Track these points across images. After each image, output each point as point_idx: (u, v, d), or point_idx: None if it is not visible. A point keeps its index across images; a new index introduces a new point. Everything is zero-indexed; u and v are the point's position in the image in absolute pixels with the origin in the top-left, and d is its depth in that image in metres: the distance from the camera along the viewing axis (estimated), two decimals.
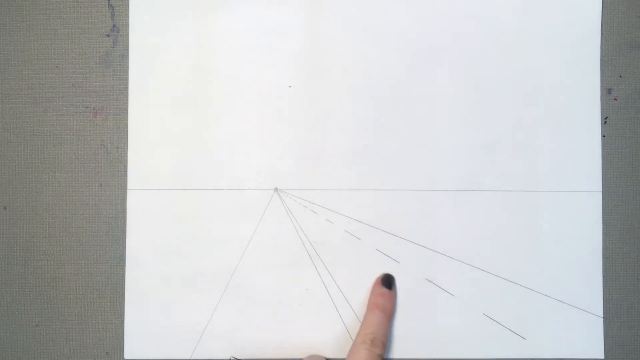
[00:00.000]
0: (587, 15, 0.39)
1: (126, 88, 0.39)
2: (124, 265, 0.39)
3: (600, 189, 0.39)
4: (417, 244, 0.39)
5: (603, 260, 0.39)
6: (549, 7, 0.39)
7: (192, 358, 0.38)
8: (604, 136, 0.39)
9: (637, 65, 0.39)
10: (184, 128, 0.39)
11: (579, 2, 0.39)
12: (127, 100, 0.39)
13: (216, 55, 0.39)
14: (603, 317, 0.39)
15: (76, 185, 0.39)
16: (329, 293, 0.38)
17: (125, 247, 0.39)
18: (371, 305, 0.37)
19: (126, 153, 0.39)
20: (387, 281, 0.38)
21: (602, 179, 0.39)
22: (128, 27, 0.39)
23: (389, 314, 0.37)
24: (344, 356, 0.38)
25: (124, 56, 0.39)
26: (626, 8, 0.39)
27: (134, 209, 0.39)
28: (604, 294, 0.39)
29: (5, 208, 0.39)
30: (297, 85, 0.39)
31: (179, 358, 0.38)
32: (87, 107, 0.39)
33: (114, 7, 0.39)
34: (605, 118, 0.39)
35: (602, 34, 0.40)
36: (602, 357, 0.38)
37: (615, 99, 0.39)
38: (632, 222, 0.39)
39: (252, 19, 0.39)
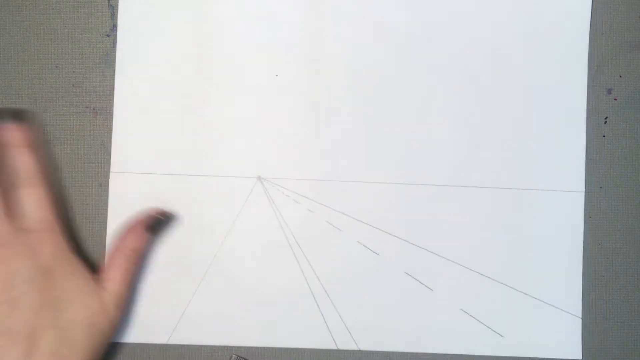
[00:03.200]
0: (576, 13, 0.39)
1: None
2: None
3: (583, 189, 0.39)
4: (398, 237, 0.39)
5: (583, 261, 0.39)
6: (540, 5, 0.39)
7: (168, 343, 0.38)
8: (603, 136, 0.39)
9: (637, 65, 0.39)
10: (169, 113, 0.39)
11: (568, 3, 0.39)
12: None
13: (203, 42, 0.39)
14: (581, 318, 0.39)
15: (76, 185, 0.39)
16: (307, 283, 0.38)
17: (106, 230, 0.38)
18: None
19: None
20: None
21: (602, 179, 0.39)
22: None
23: None
24: (321, 346, 0.38)
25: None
26: (626, 8, 0.39)
27: (116, 192, 0.38)
28: (582, 294, 0.39)
29: None
30: (284, 75, 0.39)
31: (156, 342, 0.38)
32: (87, 107, 0.39)
33: (114, 7, 0.39)
34: (605, 118, 0.39)
35: (602, 34, 0.40)
36: (580, 357, 0.38)
37: (615, 99, 0.39)
38: (629, 221, 0.39)
39: (241, 7, 0.39)
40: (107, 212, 0.39)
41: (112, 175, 0.39)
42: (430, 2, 0.39)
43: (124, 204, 0.38)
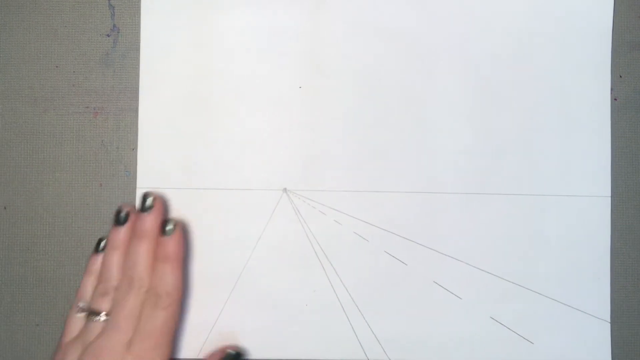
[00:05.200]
0: (598, 18, 0.39)
1: (126, 88, 0.39)
2: None
3: (609, 194, 0.39)
4: (425, 247, 0.39)
5: (611, 265, 0.39)
6: (558, 11, 0.39)
7: (199, 357, 0.38)
8: None
9: (637, 65, 0.39)
10: (193, 127, 0.39)
11: (590, 7, 0.39)
12: (127, 100, 0.39)
13: (226, 56, 0.39)
14: (610, 322, 0.39)
15: (76, 185, 0.39)
16: (336, 294, 0.38)
17: None
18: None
19: (126, 153, 0.39)
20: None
21: None
22: (128, 27, 0.39)
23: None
24: (351, 357, 0.38)
25: (124, 56, 0.39)
26: (626, 8, 0.39)
27: None
28: (611, 299, 0.39)
29: (5, 208, 0.39)
30: (306, 86, 0.39)
31: (186, 357, 0.38)
32: (87, 107, 0.39)
33: (114, 7, 0.39)
34: None
35: None
36: None
37: (615, 99, 0.39)
38: (636, 224, 0.39)
39: (261, 20, 0.39)
40: (107, 212, 0.39)
41: (138, 192, 0.39)
42: (445, 7, 0.39)
43: None
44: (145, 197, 0.36)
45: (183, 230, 0.36)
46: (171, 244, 0.35)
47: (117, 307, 0.35)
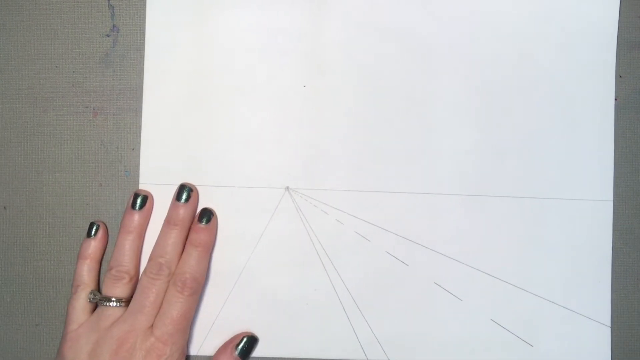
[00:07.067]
0: (603, 22, 0.39)
1: (126, 88, 0.39)
2: None
3: (612, 199, 0.39)
4: (427, 247, 0.39)
5: (611, 267, 0.39)
6: (564, 13, 0.39)
7: (198, 354, 0.38)
8: None
9: (637, 65, 0.39)
10: (196, 125, 0.39)
11: (596, 10, 0.39)
12: (127, 100, 0.39)
13: (228, 55, 0.39)
14: (610, 326, 0.39)
15: (76, 185, 0.39)
16: (337, 294, 0.38)
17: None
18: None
19: (126, 153, 0.39)
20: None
21: None
22: (128, 27, 0.39)
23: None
24: (351, 357, 0.38)
25: (124, 56, 0.39)
26: (626, 8, 0.39)
27: None
28: (611, 303, 0.39)
29: (5, 208, 0.39)
30: (308, 86, 0.39)
31: (187, 354, 0.38)
32: (87, 107, 0.39)
33: (114, 7, 0.39)
34: None
35: None
36: None
37: (615, 99, 0.39)
38: (636, 226, 0.39)
39: (264, 19, 0.39)
40: (107, 212, 0.39)
41: (141, 187, 0.39)
42: (450, 7, 0.39)
43: (153, 216, 0.38)
44: (182, 188, 0.38)
45: (216, 223, 0.38)
46: (206, 232, 0.37)
47: (144, 292, 0.36)
